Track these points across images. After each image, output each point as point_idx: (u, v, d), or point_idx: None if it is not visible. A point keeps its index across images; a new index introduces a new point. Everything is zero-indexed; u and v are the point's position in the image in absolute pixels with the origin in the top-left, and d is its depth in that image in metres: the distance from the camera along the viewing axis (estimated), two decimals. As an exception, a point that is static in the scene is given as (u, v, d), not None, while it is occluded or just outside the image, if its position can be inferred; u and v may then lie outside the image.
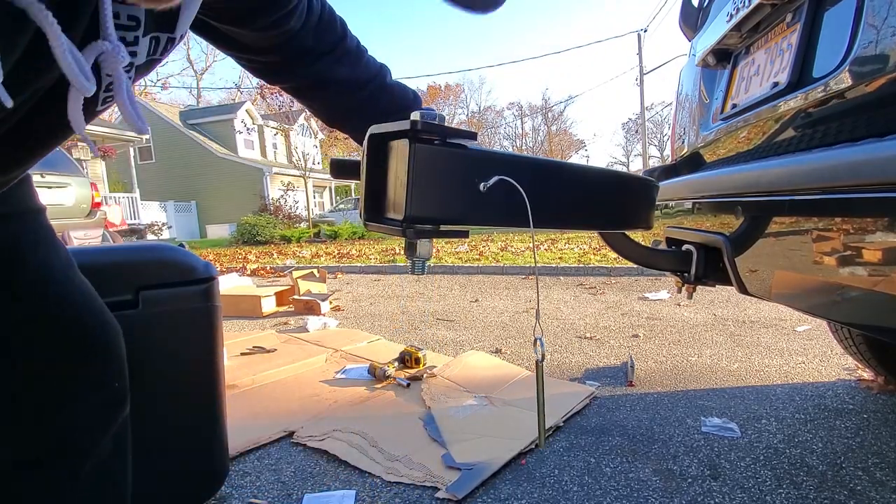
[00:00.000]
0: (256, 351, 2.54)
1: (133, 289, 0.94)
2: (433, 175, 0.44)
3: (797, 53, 0.87)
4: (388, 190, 0.48)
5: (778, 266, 0.85)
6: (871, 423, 1.54)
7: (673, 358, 2.28)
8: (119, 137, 13.04)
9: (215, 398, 1.07)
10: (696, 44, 1.40)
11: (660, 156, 38.20)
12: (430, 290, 4.52)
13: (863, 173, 0.63)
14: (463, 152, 0.45)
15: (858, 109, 0.72)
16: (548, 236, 8.94)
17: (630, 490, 1.25)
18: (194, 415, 1.06)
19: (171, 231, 16.79)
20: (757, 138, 1.00)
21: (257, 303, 3.71)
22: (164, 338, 0.98)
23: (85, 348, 0.59)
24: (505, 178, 0.45)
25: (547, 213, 0.49)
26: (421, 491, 1.27)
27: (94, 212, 5.60)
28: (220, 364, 1.08)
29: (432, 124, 0.43)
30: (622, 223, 0.62)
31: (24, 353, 0.54)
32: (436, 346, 2.62)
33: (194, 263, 1.03)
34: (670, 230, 1.31)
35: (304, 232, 12.55)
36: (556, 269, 5.18)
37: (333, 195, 23.93)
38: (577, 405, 1.74)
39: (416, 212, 0.44)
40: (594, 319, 3.10)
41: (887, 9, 0.66)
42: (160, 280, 0.97)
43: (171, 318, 0.98)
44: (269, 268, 6.78)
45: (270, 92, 14.87)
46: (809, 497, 1.19)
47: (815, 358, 2.17)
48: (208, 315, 1.04)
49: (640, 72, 19.74)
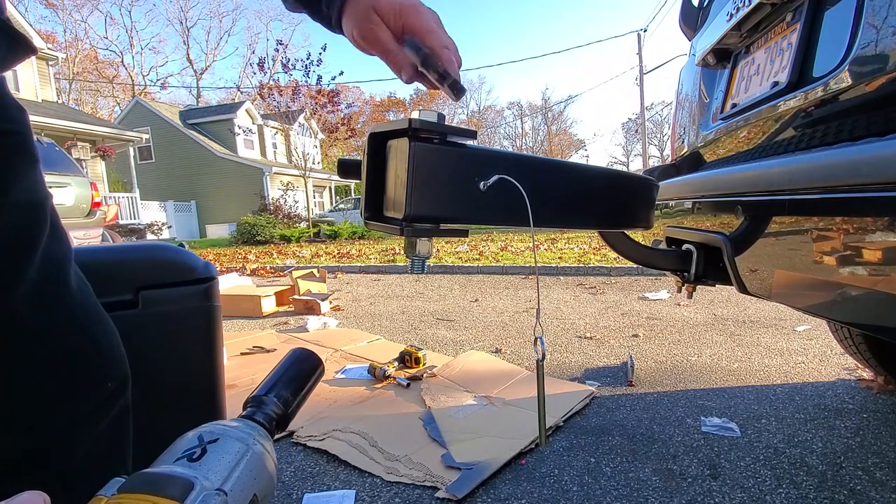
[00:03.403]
0: (256, 351, 2.54)
1: (133, 289, 0.94)
2: (433, 174, 0.44)
3: (797, 53, 0.87)
4: (389, 189, 0.48)
5: (778, 265, 0.85)
6: (871, 423, 1.54)
7: (673, 358, 2.28)
8: (119, 137, 13.05)
9: (215, 398, 1.07)
10: (696, 43, 1.40)
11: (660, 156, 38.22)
12: (430, 289, 4.52)
13: (863, 173, 0.63)
14: (462, 151, 0.45)
15: (858, 109, 0.72)
16: (548, 236, 8.94)
17: (630, 490, 1.25)
18: (194, 415, 1.06)
19: (171, 231, 16.80)
20: (757, 138, 1.00)
21: (257, 303, 3.71)
22: (163, 338, 0.98)
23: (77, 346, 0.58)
24: (505, 177, 0.45)
25: (547, 211, 0.49)
26: (421, 491, 1.27)
27: (93, 211, 5.60)
28: (220, 364, 1.08)
29: (431, 123, 0.43)
30: (622, 222, 0.62)
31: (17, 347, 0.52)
32: (436, 346, 2.62)
33: (194, 263, 1.02)
34: (670, 230, 1.31)
35: (304, 232, 12.55)
36: (556, 268, 5.18)
37: (333, 195, 23.93)
38: (577, 405, 1.74)
39: (416, 210, 0.44)
40: (594, 319, 3.10)
41: (887, 9, 0.66)
42: (160, 280, 0.97)
43: (170, 318, 0.98)
44: (269, 268, 6.78)
45: (269, 92, 14.86)
46: (809, 497, 1.19)
47: (815, 358, 2.17)
48: (208, 315, 1.04)
49: (640, 72, 19.74)
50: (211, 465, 0.25)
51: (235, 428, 0.29)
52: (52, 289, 0.55)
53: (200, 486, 0.23)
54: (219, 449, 0.27)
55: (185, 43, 36.22)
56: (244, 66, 37.89)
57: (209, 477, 0.25)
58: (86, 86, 32.17)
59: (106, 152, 12.70)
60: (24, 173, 0.50)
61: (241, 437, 0.28)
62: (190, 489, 0.23)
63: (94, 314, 0.62)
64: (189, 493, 0.23)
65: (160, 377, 0.98)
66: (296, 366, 0.36)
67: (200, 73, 35.99)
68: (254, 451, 0.28)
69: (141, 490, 0.22)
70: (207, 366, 1.06)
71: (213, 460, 0.26)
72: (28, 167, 0.51)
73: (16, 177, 0.49)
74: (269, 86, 15.02)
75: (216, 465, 0.26)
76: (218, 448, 0.27)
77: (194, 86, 35.85)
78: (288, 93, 14.48)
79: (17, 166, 0.49)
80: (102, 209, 5.81)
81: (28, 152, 0.51)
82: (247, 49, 36.76)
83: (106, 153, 12.72)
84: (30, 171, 0.51)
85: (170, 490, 0.23)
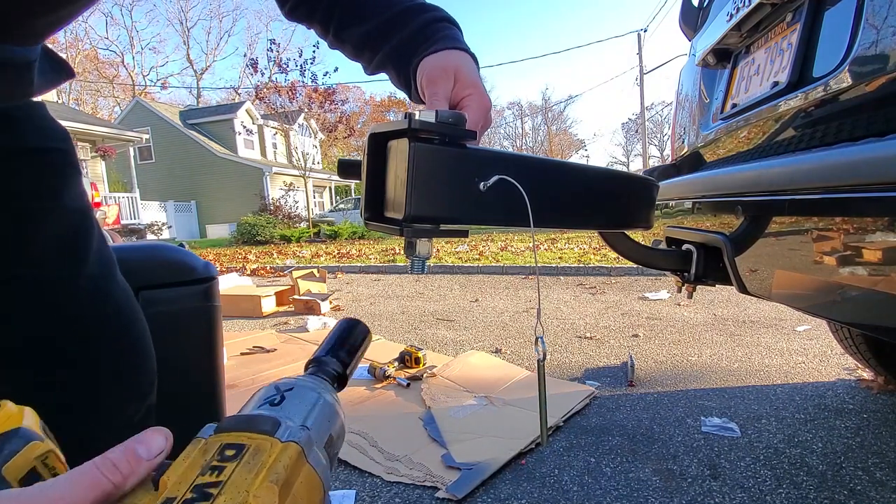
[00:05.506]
0: (256, 351, 2.54)
1: (133, 288, 0.94)
2: (432, 174, 0.44)
3: (797, 53, 0.87)
4: (389, 189, 0.48)
5: (778, 265, 0.85)
6: (871, 423, 1.54)
7: (673, 358, 2.28)
8: (119, 137, 13.05)
9: (215, 398, 1.07)
10: (697, 43, 1.40)
11: (660, 156, 38.20)
12: (430, 289, 4.52)
13: (863, 173, 0.63)
14: (462, 151, 0.45)
15: (858, 109, 0.71)
16: (548, 236, 8.94)
17: (630, 490, 1.25)
18: (194, 415, 1.06)
19: (171, 231, 16.79)
20: (757, 138, 0.99)
21: (257, 303, 3.71)
22: (163, 338, 0.98)
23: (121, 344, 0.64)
24: (505, 178, 0.45)
25: (547, 212, 0.49)
26: (421, 491, 1.27)
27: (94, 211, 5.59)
28: (220, 364, 1.08)
29: (431, 123, 0.42)
30: (622, 222, 0.62)
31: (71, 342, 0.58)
32: (436, 346, 2.62)
33: (194, 263, 1.02)
34: (670, 230, 1.31)
35: (304, 232, 12.55)
36: (556, 268, 5.18)
37: (333, 195, 23.93)
38: (577, 405, 1.74)
39: (416, 211, 0.43)
40: (594, 319, 3.10)
41: (887, 9, 0.66)
42: (160, 280, 0.97)
43: (170, 318, 0.98)
44: (269, 267, 6.78)
45: (267, 93, 14.84)
46: (809, 497, 1.19)
47: (815, 358, 2.17)
48: (208, 315, 1.04)
49: (640, 72, 19.75)
50: (291, 408, 0.30)
51: (306, 379, 0.33)
52: (105, 284, 0.63)
53: (286, 423, 0.27)
54: (296, 395, 0.31)
55: (185, 43, 36.27)
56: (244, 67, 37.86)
57: (291, 417, 0.29)
58: (86, 86, 32.16)
59: (106, 152, 12.71)
60: (72, 184, 0.59)
61: (313, 386, 0.32)
62: (278, 425, 0.27)
63: (135, 312, 0.69)
64: (278, 428, 0.26)
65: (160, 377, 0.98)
66: (347, 332, 0.39)
67: (200, 74, 36.02)
68: (325, 399, 0.32)
69: (235, 429, 0.26)
70: (207, 366, 1.06)
71: (292, 404, 0.30)
72: (75, 179, 0.60)
73: (66, 187, 0.58)
74: (267, 86, 15.00)
75: (296, 408, 0.30)
76: (294, 395, 0.31)
77: (194, 86, 35.88)
78: (285, 93, 14.47)
79: (67, 178, 0.58)
80: (103, 209, 5.81)
81: (74, 166, 0.60)
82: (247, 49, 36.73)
83: (106, 153, 12.72)
84: (76, 182, 0.60)
85: (261, 426, 0.26)
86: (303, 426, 0.28)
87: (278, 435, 0.26)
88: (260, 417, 0.27)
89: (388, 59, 0.58)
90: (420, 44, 0.56)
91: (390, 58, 0.58)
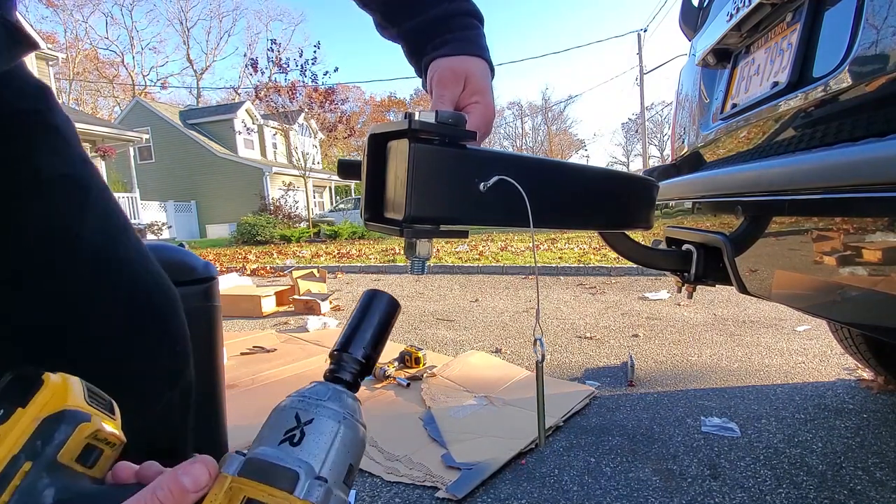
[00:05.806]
0: (256, 351, 2.54)
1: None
2: (432, 175, 0.44)
3: (797, 53, 0.87)
4: (388, 190, 0.48)
5: (778, 266, 0.85)
6: (871, 423, 1.54)
7: (673, 358, 2.28)
8: (119, 137, 13.05)
9: (215, 398, 1.07)
10: (696, 43, 1.40)
11: (660, 156, 38.19)
12: (430, 289, 4.52)
13: (863, 173, 0.62)
14: (462, 152, 0.45)
15: (858, 109, 0.71)
16: (548, 236, 8.94)
17: (630, 490, 1.25)
18: (194, 414, 1.06)
19: (171, 231, 16.79)
20: (757, 138, 0.99)
21: (257, 303, 3.71)
22: (163, 338, 0.98)
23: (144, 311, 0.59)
24: (505, 178, 0.45)
25: (547, 212, 0.49)
26: (421, 491, 1.27)
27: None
28: (221, 364, 1.08)
29: (431, 123, 0.42)
30: (622, 223, 0.62)
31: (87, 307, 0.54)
32: (436, 346, 2.62)
33: (194, 263, 1.02)
34: (670, 230, 1.31)
35: (304, 232, 12.54)
36: (556, 268, 5.18)
37: (333, 195, 23.93)
38: (577, 405, 1.74)
39: (416, 212, 0.43)
40: (594, 319, 3.10)
41: (887, 9, 0.66)
42: (160, 280, 0.96)
43: (170, 318, 0.98)
44: (269, 267, 6.78)
45: (267, 93, 14.84)
46: (809, 497, 1.19)
47: (815, 358, 2.17)
48: (208, 315, 1.04)
49: (640, 72, 19.74)
50: (310, 450, 0.30)
51: (325, 405, 0.32)
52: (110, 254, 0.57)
53: (304, 475, 0.28)
54: (315, 430, 0.31)
55: (185, 43, 36.22)
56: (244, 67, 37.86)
57: (309, 461, 0.29)
58: (86, 86, 32.17)
59: (106, 152, 12.70)
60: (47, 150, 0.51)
61: (332, 413, 0.32)
62: (296, 481, 0.28)
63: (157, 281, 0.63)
64: (296, 485, 0.28)
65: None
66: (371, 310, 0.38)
67: (200, 74, 36.03)
68: (344, 427, 0.32)
69: (258, 479, 0.27)
70: (207, 366, 1.06)
71: (312, 444, 0.30)
72: (51, 142, 0.51)
73: (41, 155, 0.50)
74: (267, 86, 15.00)
75: (315, 448, 0.30)
76: (314, 429, 0.31)
77: (194, 86, 35.89)
78: (285, 93, 14.47)
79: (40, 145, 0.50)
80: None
81: (50, 126, 0.51)
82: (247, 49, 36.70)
83: (106, 153, 12.71)
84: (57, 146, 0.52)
85: (281, 482, 0.27)
86: (318, 478, 0.29)
87: (297, 493, 0.27)
88: (280, 471, 0.28)
89: (402, 37, 0.58)
90: (437, 35, 0.54)
91: (404, 38, 0.58)
